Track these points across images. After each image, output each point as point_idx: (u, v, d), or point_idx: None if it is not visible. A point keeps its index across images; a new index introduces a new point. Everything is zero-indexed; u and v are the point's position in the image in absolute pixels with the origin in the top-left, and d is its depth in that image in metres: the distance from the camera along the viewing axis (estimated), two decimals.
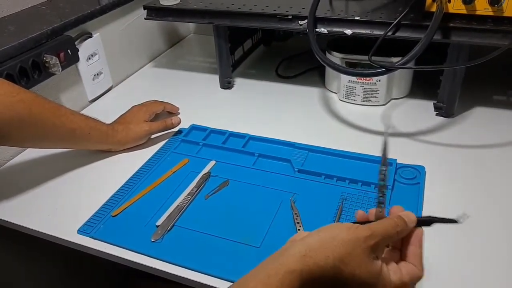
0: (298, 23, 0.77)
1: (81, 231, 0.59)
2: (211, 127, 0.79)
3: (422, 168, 0.65)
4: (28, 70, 0.73)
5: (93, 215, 0.62)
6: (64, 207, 0.64)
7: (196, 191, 0.65)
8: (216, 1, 0.85)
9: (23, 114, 0.60)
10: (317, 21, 0.75)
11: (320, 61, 0.72)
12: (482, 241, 0.54)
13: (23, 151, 0.77)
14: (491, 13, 0.65)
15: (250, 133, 0.76)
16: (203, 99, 0.90)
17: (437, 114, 0.79)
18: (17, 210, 0.64)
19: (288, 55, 1.04)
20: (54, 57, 0.76)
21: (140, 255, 0.55)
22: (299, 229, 0.56)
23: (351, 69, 0.77)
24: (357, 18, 0.72)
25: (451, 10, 0.67)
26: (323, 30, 0.74)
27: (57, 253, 0.76)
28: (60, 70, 0.77)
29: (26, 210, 0.64)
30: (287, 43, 1.12)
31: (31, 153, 0.76)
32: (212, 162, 0.70)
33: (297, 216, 0.58)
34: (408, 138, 0.74)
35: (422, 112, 0.80)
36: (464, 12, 0.66)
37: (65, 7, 0.87)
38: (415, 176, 0.64)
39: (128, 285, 1.09)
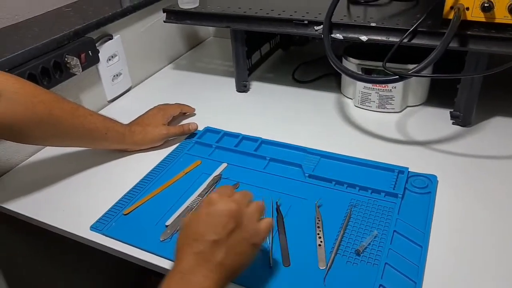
0: (314, 28, 0.77)
1: (94, 227, 0.61)
2: (225, 129, 0.79)
3: (434, 177, 0.64)
4: (50, 70, 0.75)
5: (106, 213, 0.63)
6: (78, 204, 0.66)
7: (206, 193, 0.65)
8: (234, 5, 0.86)
9: (44, 115, 0.62)
10: (332, 26, 0.75)
11: (334, 66, 0.71)
12: (496, 254, 0.53)
13: (41, 149, 0.79)
14: (510, 21, 0.64)
15: (263, 137, 0.76)
16: (219, 102, 0.91)
17: (453, 123, 0.78)
18: (33, 205, 0.67)
19: (305, 60, 1.04)
20: (75, 58, 0.78)
21: (149, 253, 0.57)
22: (318, 234, 0.56)
23: (364, 75, 0.77)
24: (373, 24, 0.72)
25: (469, 18, 0.66)
26: (339, 36, 0.74)
27: (70, 247, 0.78)
28: (81, 70, 0.80)
29: (42, 205, 0.66)
30: (305, 48, 1.12)
31: (49, 151, 0.78)
32: (224, 165, 0.71)
33: (319, 220, 0.58)
34: (423, 147, 0.73)
35: (438, 120, 0.79)
36: (483, 20, 0.65)
37: (88, 10, 0.90)
38: (426, 185, 0.63)
39: (140, 281, 1.10)
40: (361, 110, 0.84)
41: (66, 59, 0.77)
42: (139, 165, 0.73)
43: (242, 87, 0.94)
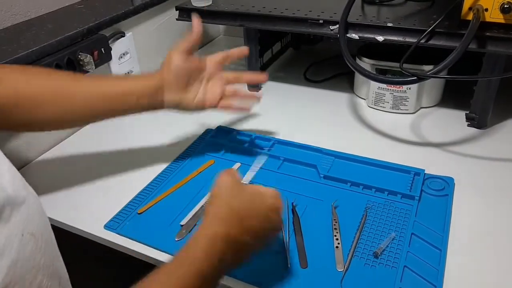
0: (329, 28, 0.76)
1: (108, 226, 0.61)
2: (238, 129, 0.79)
3: (451, 179, 0.64)
4: (63, 67, 0.75)
5: (120, 212, 0.63)
6: (92, 202, 0.66)
7: None
8: (247, 3, 0.86)
9: (44, 86, 0.58)
10: (348, 26, 0.74)
11: (350, 66, 0.71)
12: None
13: (53, 146, 0.79)
14: None
15: (275, 137, 0.76)
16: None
17: (468, 125, 0.77)
18: (46, 203, 0.66)
19: (317, 59, 1.04)
20: (88, 55, 0.78)
21: (163, 253, 0.56)
22: (335, 235, 0.56)
23: (381, 76, 0.76)
24: (389, 24, 0.71)
25: (488, 19, 0.65)
26: (354, 36, 0.74)
27: (84, 246, 0.78)
28: (94, 68, 0.79)
29: (55, 204, 0.66)
30: (316, 47, 1.11)
31: (61, 149, 0.78)
32: (237, 164, 0.71)
33: (336, 222, 0.58)
34: (438, 148, 0.72)
35: (453, 122, 0.78)
36: (502, 21, 0.65)
37: (100, 7, 0.89)
38: (443, 187, 0.63)
39: None
40: (375, 111, 0.84)
41: (79, 56, 0.77)
42: (152, 164, 0.72)
43: (254, 86, 0.93)
